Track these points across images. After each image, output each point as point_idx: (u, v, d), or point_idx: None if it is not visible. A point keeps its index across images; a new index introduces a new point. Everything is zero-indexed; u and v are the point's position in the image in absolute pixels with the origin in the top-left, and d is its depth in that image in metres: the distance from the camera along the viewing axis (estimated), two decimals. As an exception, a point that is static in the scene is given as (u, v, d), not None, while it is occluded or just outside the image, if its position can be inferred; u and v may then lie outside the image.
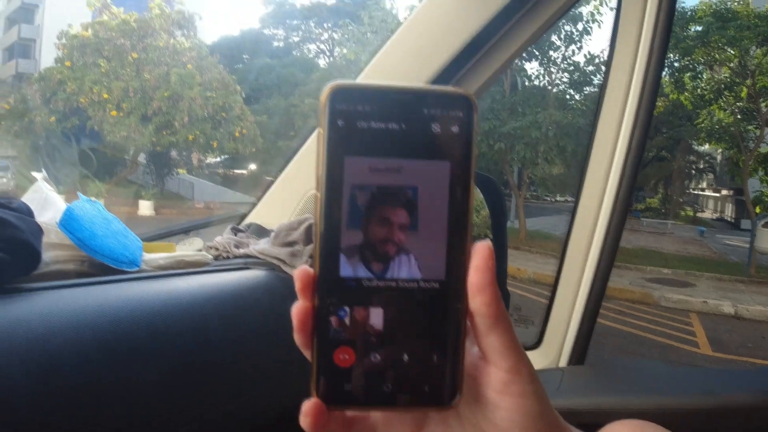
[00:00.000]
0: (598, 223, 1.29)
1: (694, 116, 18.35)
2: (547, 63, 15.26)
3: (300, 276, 0.38)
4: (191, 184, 19.07)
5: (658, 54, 1.20)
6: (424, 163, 0.38)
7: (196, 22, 17.51)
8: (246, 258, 1.25)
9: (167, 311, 0.77)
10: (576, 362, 1.30)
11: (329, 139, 0.38)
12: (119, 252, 1.00)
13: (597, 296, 1.29)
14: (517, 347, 0.40)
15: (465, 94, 0.39)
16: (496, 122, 13.39)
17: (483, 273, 0.38)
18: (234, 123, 16.48)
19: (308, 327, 0.38)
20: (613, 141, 1.26)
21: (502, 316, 0.39)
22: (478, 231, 1.63)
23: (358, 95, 0.38)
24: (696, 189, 28.76)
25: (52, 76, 15.58)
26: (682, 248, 15.24)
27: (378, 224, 0.38)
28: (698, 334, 7.48)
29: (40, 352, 0.63)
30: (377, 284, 0.38)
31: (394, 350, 0.38)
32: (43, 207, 1.02)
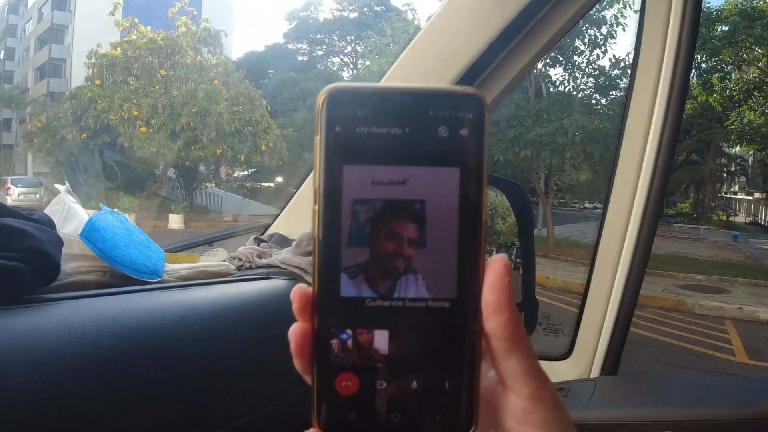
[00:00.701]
0: (628, 228, 1.25)
1: (724, 118, 18.01)
2: (571, 68, 15.12)
3: (298, 295, 0.35)
4: (219, 198, 19.31)
5: (685, 54, 1.16)
6: (431, 171, 0.35)
7: (221, 39, 17.81)
8: (268, 268, 1.24)
9: (185, 321, 0.76)
10: (608, 373, 1.26)
11: (326, 147, 0.35)
12: (141, 262, 1.00)
13: (629, 304, 1.25)
14: (539, 371, 0.36)
15: (474, 93, 0.35)
16: (522, 129, 13.28)
17: (498, 291, 0.35)
18: (260, 137, 16.68)
19: (307, 351, 0.35)
20: (642, 144, 1.22)
21: (520, 337, 0.35)
22: (505, 239, 1.61)
23: (357, 98, 0.35)
24: (728, 192, 28.14)
25: (82, 94, 15.97)
26: (715, 254, 14.89)
27: (381, 239, 0.35)
28: (734, 342, 7.28)
29: (57, 361, 0.62)
30: (382, 304, 0.35)
31: (402, 376, 0.35)
32: (65, 219, 1.03)
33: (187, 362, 0.74)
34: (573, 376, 1.30)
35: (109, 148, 15.78)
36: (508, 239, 1.59)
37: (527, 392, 0.36)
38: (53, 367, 0.62)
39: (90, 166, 15.75)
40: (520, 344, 0.35)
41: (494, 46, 1.13)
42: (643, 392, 1.18)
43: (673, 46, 1.16)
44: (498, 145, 13.16)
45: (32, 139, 17.03)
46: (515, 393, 0.36)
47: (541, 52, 1.22)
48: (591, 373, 1.28)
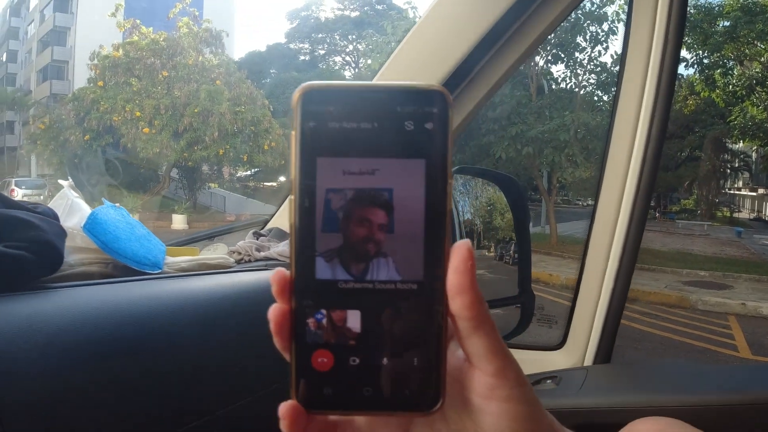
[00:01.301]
0: (618, 221, 1.27)
1: (727, 114, 17.94)
2: (573, 65, 15.10)
3: (276, 279, 0.38)
4: (223, 198, 19.36)
5: (672, 47, 1.17)
6: (398, 162, 0.37)
7: (223, 40, 17.86)
8: (267, 260, 1.27)
9: (183, 308, 0.79)
10: (601, 361, 1.28)
11: (301, 141, 0.37)
12: (142, 255, 1.03)
13: (621, 294, 1.26)
14: (502, 350, 0.38)
15: (438, 89, 0.38)
16: (524, 126, 13.26)
17: (462, 274, 0.37)
18: (263, 136, 16.72)
19: (286, 330, 0.38)
20: (630, 139, 1.23)
21: (483, 318, 0.37)
22: (503, 234, 1.63)
23: (330, 96, 0.38)
24: (732, 188, 28.05)
25: (85, 95, 16.04)
26: (719, 250, 14.86)
27: (353, 225, 0.37)
28: (737, 338, 7.27)
29: (59, 344, 0.65)
30: (354, 286, 0.37)
31: (373, 353, 0.37)
32: (69, 213, 1.05)
33: (185, 346, 0.76)
34: (567, 365, 1.32)
35: (112, 149, 15.84)
36: (506, 235, 1.61)
37: (491, 369, 0.38)
38: (56, 350, 0.64)
39: (93, 168, 15.80)
40: (484, 324, 0.37)
41: (480, 47, 1.16)
42: (635, 379, 1.20)
43: (660, 40, 1.18)
44: (500, 143, 13.15)
45: (35, 140, 17.11)
46: (480, 370, 0.38)
47: (529, 51, 1.24)
48: (584, 362, 1.30)
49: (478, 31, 1.15)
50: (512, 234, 1.55)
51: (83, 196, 1.13)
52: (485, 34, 1.15)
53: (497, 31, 1.16)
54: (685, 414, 0.97)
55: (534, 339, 1.58)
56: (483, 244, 1.60)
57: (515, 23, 1.19)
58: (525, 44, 1.22)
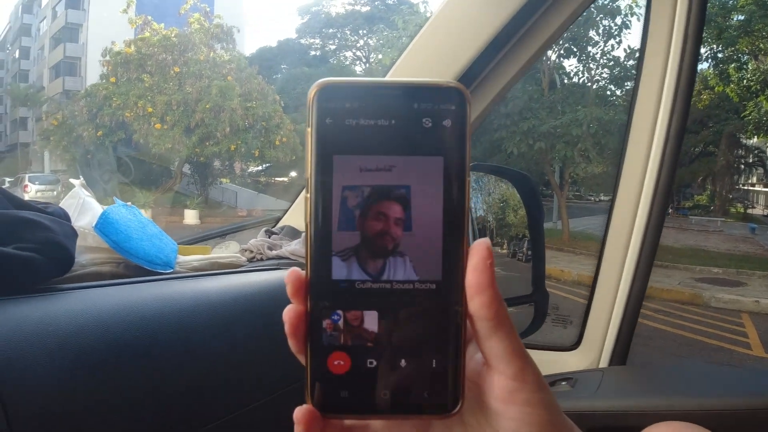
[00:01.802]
0: (636, 219, 1.25)
1: (741, 108, 17.73)
2: (585, 59, 14.98)
3: (291, 279, 0.37)
4: (234, 193, 19.42)
5: (692, 43, 1.15)
6: (416, 159, 0.37)
7: (234, 35, 17.88)
8: (278, 259, 1.26)
9: (196, 309, 0.78)
10: (617, 363, 1.26)
11: (317, 138, 0.37)
12: (154, 254, 1.02)
13: (638, 294, 1.24)
14: (522, 352, 0.37)
15: (456, 86, 0.37)
16: (536, 121, 13.17)
17: (480, 273, 0.36)
18: (274, 132, 16.74)
19: (301, 331, 0.37)
20: (649, 134, 1.21)
21: (503, 318, 0.36)
22: (516, 231, 1.61)
23: (346, 92, 0.37)
24: (746, 184, 27.75)
25: (97, 92, 16.13)
26: (732, 246, 14.70)
27: (370, 223, 0.37)
28: (750, 335, 7.19)
29: (72, 347, 0.64)
30: (371, 286, 0.37)
31: (391, 355, 0.37)
32: (80, 212, 1.05)
33: (197, 349, 0.76)
34: (582, 367, 1.30)
35: (124, 145, 15.93)
36: (519, 231, 1.59)
37: (511, 372, 0.36)
38: (68, 353, 0.64)
39: (105, 163, 15.91)
40: (503, 324, 0.36)
41: (494, 45, 1.14)
42: (652, 381, 1.18)
43: (680, 36, 1.16)
44: (512, 138, 13.08)
45: (48, 137, 17.24)
46: (499, 373, 0.37)
47: (543, 49, 1.22)
48: (600, 363, 1.28)
49: (492, 29, 1.13)
50: (525, 231, 1.53)
51: (96, 192, 1.13)
52: (499, 31, 1.13)
53: (511, 28, 1.14)
54: (704, 418, 0.95)
55: (548, 338, 1.56)
56: (496, 241, 1.58)
57: (529, 21, 1.17)
58: (539, 42, 1.20)
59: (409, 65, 1.23)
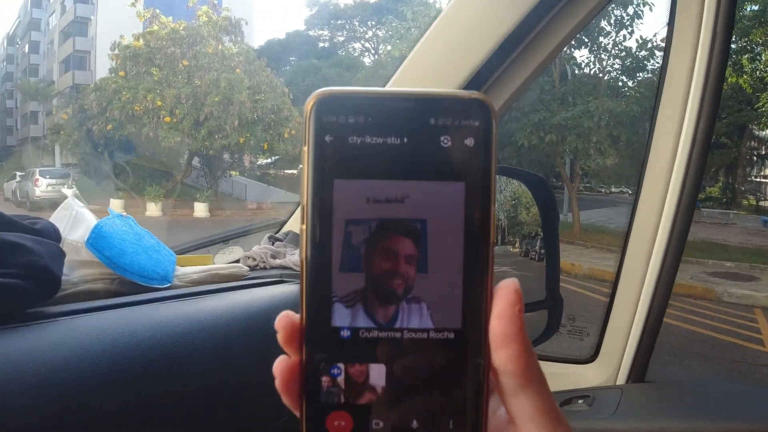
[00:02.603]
0: (661, 220, 1.18)
1: (754, 100, 17.50)
2: (597, 50, 14.78)
3: (283, 324, 0.32)
4: (244, 186, 19.46)
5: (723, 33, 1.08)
6: (433, 186, 0.31)
7: (242, 28, 17.86)
8: (282, 269, 1.21)
9: (191, 335, 0.73)
10: (636, 378, 1.20)
11: (315, 159, 0.31)
12: (150, 268, 0.98)
13: (660, 304, 1.18)
14: (554, 411, 0.32)
15: (480, 98, 0.32)
16: (546, 113, 13.04)
17: (508, 321, 0.31)
18: (283, 124, 16.74)
19: (295, 387, 0.32)
20: (677, 127, 1.13)
21: (533, 373, 0.32)
22: (529, 229, 1.56)
23: (349, 104, 0.31)
24: (758, 176, 27.43)
25: (107, 86, 16.16)
26: (745, 239, 14.52)
27: (377, 263, 0.31)
28: (764, 332, 7.09)
29: (56, 384, 0.59)
30: (378, 335, 0.32)
31: (401, 416, 0.31)
32: (73, 225, 1.00)
33: (193, 378, 0.71)
34: (598, 381, 1.24)
35: (134, 138, 15.97)
36: (532, 230, 1.54)
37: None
38: (52, 390, 0.59)
39: (116, 157, 15.97)
40: (533, 381, 0.32)
41: (502, 49, 1.07)
42: (674, 402, 1.12)
43: (709, 25, 1.08)
44: (522, 130, 12.97)
45: (59, 131, 17.34)
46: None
47: (552, 54, 1.15)
48: (617, 378, 1.23)
49: (505, 28, 1.07)
50: (538, 229, 1.48)
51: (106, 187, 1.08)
52: (513, 30, 1.07)
53: (525, 27, 1.08)
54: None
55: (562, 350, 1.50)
56: (507, 240, 1.54)
57: (544, 19, 1.11)
58: (555, 41, 1.13)
59: (417, 66, 1.17)
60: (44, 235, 0.80)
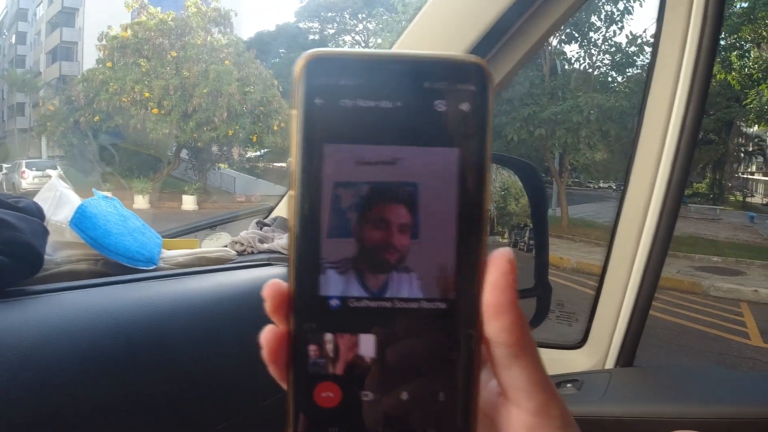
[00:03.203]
0: (648, 212, 1.19)
1: (743, 97, 17.66)
2: (587, 45, 14.83)
3: (271, 293, 0.31)
4: (233, 178, 19.38)
5: (711, 29, 1.08)
6: (426, 151, 0.30)
7: (232, 19, 17.76)
8: (270, 253, 1.20)
9: (176, 314, 0.72)
10: (624, 363, 1.20)
11: (305, 123, 0.30)
12: (135, 250, 0.96)
13: (648, 291, 1.18)
14: (546, 383, 0.32)
15: (477, 61, 0.31)
16: (536, 107, 13.07)
17: (501, 291, 0.30)
18: (272, 117, 16.67)
19: (282, 357, 0.31)
20: (664, 122, 1.14)
21: (526, 344, 0.31)
22: (518, 219, 1.56)
23: (341, 67, 0.30)
24: (745, 173, 27.69)
25: (94, 77, 16.02)
26: (731, 235, 14.68)
27: (368, 229, 0.30)
28: (749, 325, 7.18)
29: (35, 361, 0.58)
30: (368, 305, 0.31)
31: (390, 387, 0.31)
32: (57, 205, 0.98)
33: (177, 358, 0.70)
34: (587, 367, 1.25)
35: (121, 130, 15.84)
36: (521, 220, 1.54)
37: (533, 407, 0.31)
38: (31, 367, 0.58)
39: (103, 149, 15.84)
40: (526, 351, 0.31)
41: (508, 14, 1.05)
42: (662, 386, 1.12)
43: (698, 21, 1.09)
44: (512, 124, 12.99)
45: (46, 122, 17.15)
46: (519, 407, 0.32)
47: (560, 21, 1.13)
48: (606, 363, 1.23)
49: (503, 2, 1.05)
50: (527, 220, 1.48)
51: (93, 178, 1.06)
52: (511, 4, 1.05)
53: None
54: (720, 427, 0.90)
55: (551, 336, 1.50)
56: (497, 230, 1.54)
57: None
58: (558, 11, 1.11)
59: (414, 38, 1.15)
60: (28, 213, 0.78)
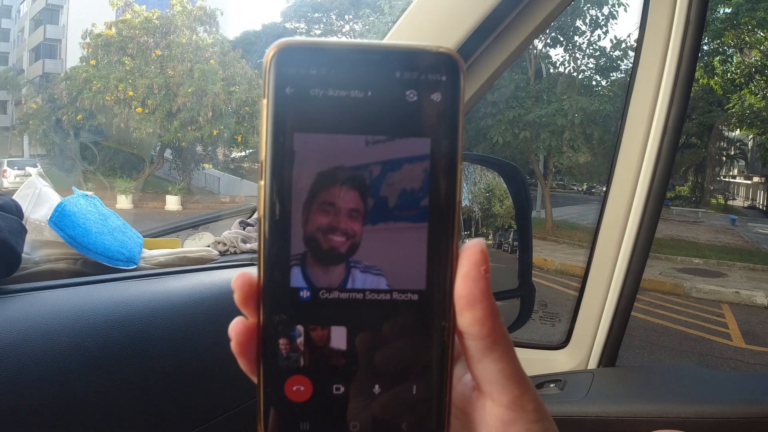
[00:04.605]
0: (630, 212, 1.19)
1: (725, 101, 17.90)
2: (572, 49, 14.95)
3: (240, 284, 0.30)
4: (217, 179, 19.23)
5: (693, 34, 1.09)
6: (398, 142, 0.30)
7: (217, 18, 17.63)
8: (252, 253, 1.19)
9: (155, 314, 0.71)
10: (607, 363, 1.21)
11: (275, 112, 0.30)
12: (115, 249, 0.95)
13: (630, 292, 1.19)
14: (520, 376, 0.31)
15: (448, 52, 0.31)
16: (521, 110, 13.15)
17: (473, 282, 0.30)
18: (258, 117, 16.54)
19: (252, 350, 0.30)
20: (646, 125, 1.15)
21: (499, 336, 0.30)
22: (502, 221, 1.56)
23: (312, 56, 0.30)
24: (727, 176, 28.06)
25: (78, 75, 15.82)
26: (713, 237, 14.85)
27: (339, 219, 0.30)
28: (731, 326, 7.26)
29: (11, 360, 0.57)
30: (338, 296, 0.30)
31: (362, 380, 0.30)
32: (36, 203, 0.97)
33: (156, 359, 0.69)
34: (570, 367, 1.25)
35: (105, 129, 15.67)
36: (505, 222, 1.54)
37: (507, 400, 0.31)
38: (6, 366, 0.56)
39: (85, 147, 15.65)
40: (499, 344, 0.31)
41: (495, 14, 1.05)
42: (644, 386, 1.13)
43: (680, 26, 1.10)
44: (497, 127, 13.05)
45: (28, 121, 16.92)
46: (493, 400, 0.31)
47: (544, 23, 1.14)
48: (589, 363, 1.23)
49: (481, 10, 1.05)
50: (511, 221, 1.49)
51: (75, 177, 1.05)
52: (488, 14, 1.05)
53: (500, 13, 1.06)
54: (701, 427, 0.91)
55: (534, 336, 1.51)
56: (481, 232, 1.54)
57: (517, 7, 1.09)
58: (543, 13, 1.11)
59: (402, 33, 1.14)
60: (6, 210, 0.77)
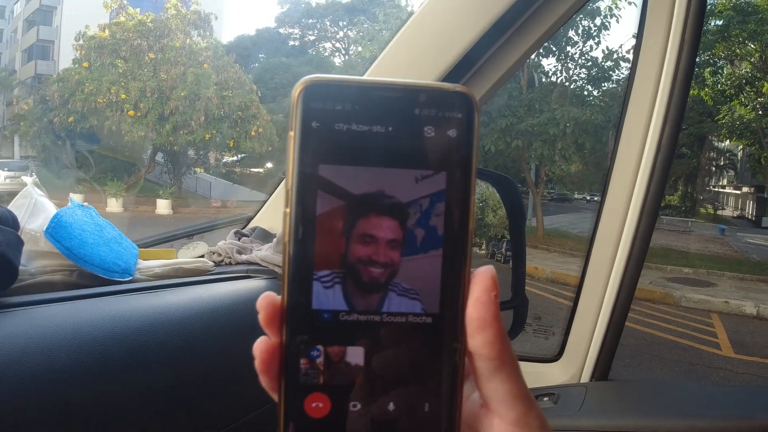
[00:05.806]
0: (625, 225, 1.20)
1: (715, 112, 18.06)
2: (564, 59, 15.04)
3: (265, 305, 0.32)
4: (209, 183, 19.17)
5: (689, 46, 1.11)
6: (415, 174, 0.32)
7: (212, 22, 17.63)
8: (248, 265, 1.19)
9: (153, 329, 0.71)
10: (600, 377, 1.22)
11: (301, 144, 0.32)
12: (111, 261, 0.95)
13: (623, 305, 1.20)
14: (526, 395, 0.33)
15: (464, 91, 0.33)
16: (513, 119, 13.21)
17: (484, 306, 0.32)
18: (250, 122, 16.54)
19: (274, 368, 0.32)
20: (642, 136, 1.16)
21: (507, 357, 0.33)
22: (495, 231, 1.57)
23: (337, 92, 0.32)
24: (716, 186, 28.27)
25: (70, 77, 15.75)
26: (703, 247, 14.95)
27: (359, 246, 0.32)
28: (720, 336, 7.31)
29: (11, 376, 0.57)
30: (357, 318, 0.32)
31: (378, 398, 0.32)
32: (32, 213, 0.96)
33: (155, 373, 0.68)
34: (563, 380, 1.26)
35: (96, 131, 15.59)
36: (498, 232, 1.55)
37: (513, 417, 0.33)
38: (8, 381, 0.56)
39: (77, 150, 15.56)
40: (507, 365, 0.33)
41: (484, 40, 1.08)
42: (637, 400, 1.13)
43: (677, 38, 1.11)
44: (489, 135, 13.10)
45: (19, 122, 16.82)
46: (500, 417, 0.33)
47: (533, 49, 1.16)
48: (582, 376, 1.24)
49: (482, 24, 1.07)
50: (504, 231, 1.50)
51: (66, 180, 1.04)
52: (489, 27, 1.06)
53: (503, 24, 1.08)
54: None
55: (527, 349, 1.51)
56: (474, 242, 1.54)
57: (522, 15, 1.11)
58: (531, 39, 1.13)
59: (393, 59, 1.16)
60: (2, 222, 0.76)
